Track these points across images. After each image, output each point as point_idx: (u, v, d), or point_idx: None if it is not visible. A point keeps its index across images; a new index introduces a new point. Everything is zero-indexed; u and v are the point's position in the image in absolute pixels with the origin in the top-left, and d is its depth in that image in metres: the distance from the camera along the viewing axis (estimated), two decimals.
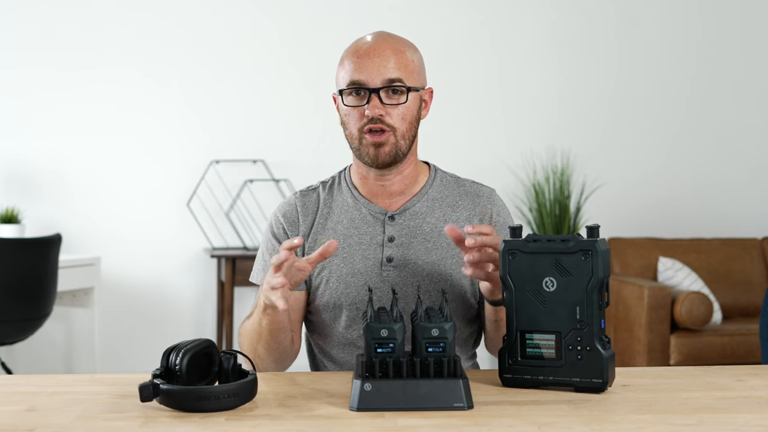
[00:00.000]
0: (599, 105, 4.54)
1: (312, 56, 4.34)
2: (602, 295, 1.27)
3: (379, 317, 1.26)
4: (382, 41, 1.55)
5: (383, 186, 1.61)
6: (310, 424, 1.11)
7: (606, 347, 1.27)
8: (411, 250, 1.58)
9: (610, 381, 1.27)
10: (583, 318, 1.26)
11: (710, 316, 3.77)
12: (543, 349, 1.29)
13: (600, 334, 1.27)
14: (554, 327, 1.28)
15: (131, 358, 4.26)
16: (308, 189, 1.68)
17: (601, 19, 4.53)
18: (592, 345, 1.26)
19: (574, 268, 1.27)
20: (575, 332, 1.27)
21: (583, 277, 1.26)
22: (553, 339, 1.28)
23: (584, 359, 1.26)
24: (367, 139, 1.53)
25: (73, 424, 1.11)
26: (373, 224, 1.60)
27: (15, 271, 3.35)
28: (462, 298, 1.59)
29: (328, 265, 1.59)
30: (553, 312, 1.28)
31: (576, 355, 1.26)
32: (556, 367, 1.27)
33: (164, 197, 4.33)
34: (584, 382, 1.26)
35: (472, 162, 4.32)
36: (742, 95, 4.60)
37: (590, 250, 1.26)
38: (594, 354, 1.25)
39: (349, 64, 1.53)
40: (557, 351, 1.28)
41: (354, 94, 1.53)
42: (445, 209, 1.62)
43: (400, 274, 1.57)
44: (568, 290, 1.27)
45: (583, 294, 1.26)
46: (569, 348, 1.27)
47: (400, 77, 1.52)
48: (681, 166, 4.56)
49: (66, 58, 4.28)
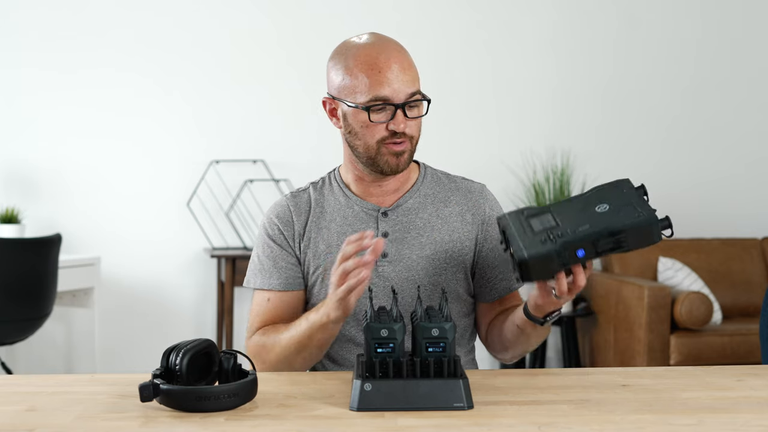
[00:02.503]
0: (599, 105, 4.53)
1: (312, 56, 4.32)
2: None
3: (379, 317, 1.26)
4: (396, 52, 1.52)
5: (380, 186, 1.62)
6: (310, 424, 1.11)
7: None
8: (405, 245, 1.59)
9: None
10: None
11: (710, 316, 3.77)
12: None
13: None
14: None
15: (131, 358, 4.26)
16: (298, 190, 1.68)
17: (601, 18, 4.53)
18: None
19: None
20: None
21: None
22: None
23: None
24: (388, 149, 1.53)
25: (73, 424, 1.11)
26: (366, 221, 1.61)
27: (15, 271, 3.35)
28: (456, 293, 1.60)
29: (323, 262, 1.59)
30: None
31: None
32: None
33: (164, 197, 4.33)
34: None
35: (472, 162, 4.32)
36: (743, 95, 4.59)
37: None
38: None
39: (366, 77, 1.49)
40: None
41: (378, 110, 1.51)
42: (437, 204, 1.63)
43: (395, 269, 1.58)
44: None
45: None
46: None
47: (418, 89, 1.53)
48: (681, 166, 4.56)
49: (66, 59, 4.27)
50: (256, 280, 1.63)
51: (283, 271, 1.61)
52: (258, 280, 1.63)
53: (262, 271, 1.62)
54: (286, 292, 1.61)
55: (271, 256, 1.62)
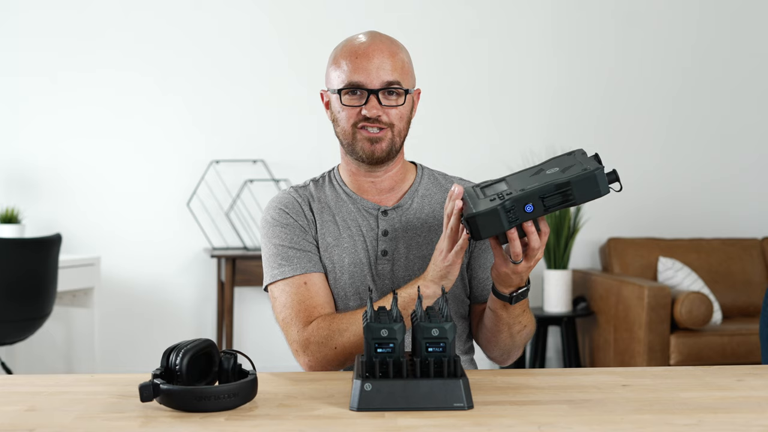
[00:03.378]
0: (599, 104, 4.54)
1: (312, 56, 4.33)
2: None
3: (379, 317, 1.26)
4: (379, 42, 1.56)
5: (373, 182, 1.63)
6: (310, 424, 1.11)
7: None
8: (404, 244, 1.60)
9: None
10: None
11: (710, 316, 3.77)
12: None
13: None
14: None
15: (131, 358, 4.26)
16: (299, 186, 1.68)
17: (601, 18, 4.53)
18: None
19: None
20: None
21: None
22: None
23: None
24: (362, 134, 1.55)
25: (73, 424, 1.11)
26: (366, 218, 1.62)
27: (15, 271, 3.35)
28: (453, 294, 1.60)
29: (329, 255, 1.59)
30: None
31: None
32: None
33: (164, 197, 4.33)
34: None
35: (472, 162, 4.33)
36: (743, 95, 4.60)
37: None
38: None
39: (346, 65, 1.54)
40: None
41: (351, 93, 1.54)
42: (434, 205, 1.64)
43: (394, 267, 1.59)
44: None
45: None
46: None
47: (398, 79, 1.54)
48: (681, 166, 4.56)
49: (66, 60, 4.28)
50: (283, 270, 1.55)
51: (310, 254, 1.58)
52: (285, 269, 1.56)
53: (287, 258, 1.56)
54: (320, 274, 1.57)
55: (293, 241, 1.58)
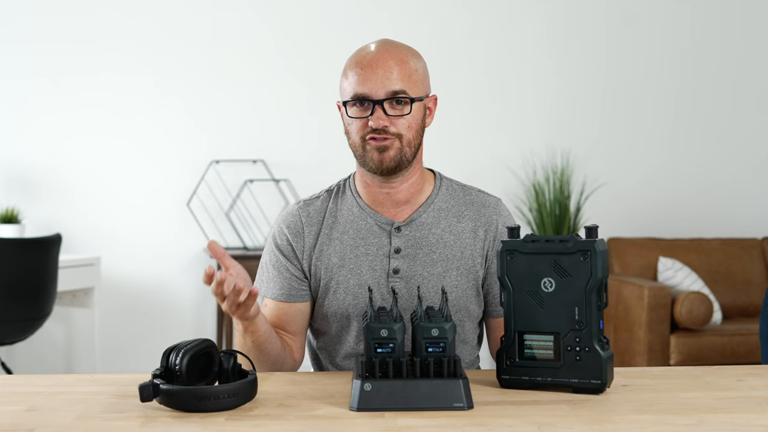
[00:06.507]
0: (599, 105, 4.53)
1: (312, 56, 4.34)
2: (601, 296, 1.27)
3: (379, 317, 1.26)
4: (385, 51, 1.53)
5: (388, 194, 1.59)
6: (310, 424, 1.11)
7: (605, 348, 1.27)
8: (417, 261, 1.57)
9: (609, 382, 1.27)
10: (581, 319, 1.26)
11: (710, 316, 3.77)
12: (541, 350, 1.28)
13: (599, 334, 1.26)
14: (552, 328, 1.28)
15: (131, 358, 4.26)
16: (311, 198, 1.66)
17: (601, 18, 4.53)
18: (591, 346, 1.25)
19: (573, 268, 1.26)
20: (574, 333, 1.26)
21: (582, 278, 1.26)
22: (551, 340, 1.28)
23: (583, 360, 1.26)
24: (371, 144, 1.52)
25: (73, 424, 1.11)
26: (379, 235, 1.58)
27: (15, 271, 3.35)
28: (467, 310, 1.58)
29: (335, 275, 1.57)
30: (552, 313, 1.27)
31: (575, 356, 1.26)
32: (555, 368, 1.27)
33: (164, 197, 4.33)
34: (583, 383, 1.26)
35: (472, 162, 4.33)
36: (743, 95, 4.59)
37: (589, 251, 1.26)
38: (593, 355, 1.25)
39: (353, 76, 1.52)
40: (555, 352, 1.27)
41: (358, 105, 1.52)
42: (451, 219, 1.60)
43: (406, 285, 1.56)
44: (567, 291, 1.27)
45: (581, 295, 1.26)
46: (567, 349, 1.26)
47: (403, 89, 1.51)
48: (681, 166, 4.56)
49: (66, 61, 4.27)
50: (260, 286, 1.64)
51: (286, 281, 1.60)
52: (261, 287, 1.63)
53: (267, 278, 1.63)
54: (284, 303, 1.60)
55: (276, 265, 1.62)
